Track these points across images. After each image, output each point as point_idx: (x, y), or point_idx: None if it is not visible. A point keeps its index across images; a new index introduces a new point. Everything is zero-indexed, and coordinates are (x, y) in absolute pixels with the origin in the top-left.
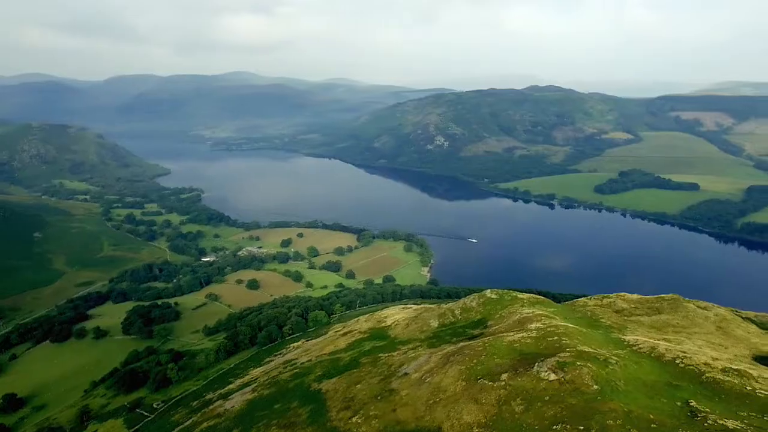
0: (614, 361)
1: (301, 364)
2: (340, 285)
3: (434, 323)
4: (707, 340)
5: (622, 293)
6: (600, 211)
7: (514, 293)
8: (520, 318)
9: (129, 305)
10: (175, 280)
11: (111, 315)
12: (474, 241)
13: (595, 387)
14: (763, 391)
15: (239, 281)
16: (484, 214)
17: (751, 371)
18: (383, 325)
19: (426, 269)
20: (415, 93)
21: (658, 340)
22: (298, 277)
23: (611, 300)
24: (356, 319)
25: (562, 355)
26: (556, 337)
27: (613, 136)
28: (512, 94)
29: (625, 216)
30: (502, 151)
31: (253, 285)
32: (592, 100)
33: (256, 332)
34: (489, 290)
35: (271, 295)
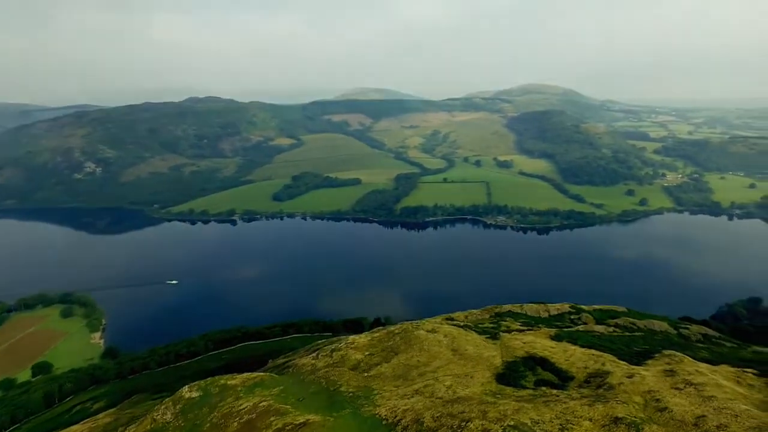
0: None
1: None
2: None
3: None
4: (453, 374)
5: (350, 338)
6: (282, 218)
7: (223, 381)
8: (239, 426)
9: None
10: None
11: None
12: (174, 282)
13: None
14: None
15: None
16: (165, 246)
17: (522, 418)
18: None
19: (98, 335)
20: (49, 112)
21: (412, 397)
22: None
23: (341, 353)
24: None
25: None
26: None
27: (279, 142)
28: (171, 108)
29: (306, 219)
30: (169, 170)
31: None
32: (254, 108)
33: None
34: (186, 388)
35: None
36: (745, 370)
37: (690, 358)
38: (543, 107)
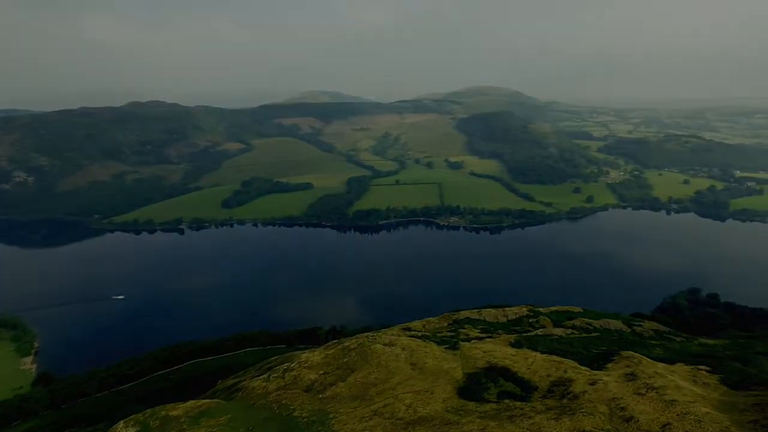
0: None
1: None
2: None
3: None
4: (413, 390)
5: (303, 356)
6: (232, 225)
7: (164, 412)
8: None
9: None
10: None
11: None
12: (120, 297)
13: None
14: None
15: None
16: (109, 258)
17: None
18: None
19: (29, 359)
20: None
21: (371, 419)
22: None
23: (294, 374)
24: None
25: None
26: None
27: (228, 147)
28: (112, 113)
29: (257, 225)
30: (111, 178)
31: None
32: (201, 112)
33: None
34: (122, 423)
35: None
36: (699, 367)
37: (647, 359)
38: (492, 108)
